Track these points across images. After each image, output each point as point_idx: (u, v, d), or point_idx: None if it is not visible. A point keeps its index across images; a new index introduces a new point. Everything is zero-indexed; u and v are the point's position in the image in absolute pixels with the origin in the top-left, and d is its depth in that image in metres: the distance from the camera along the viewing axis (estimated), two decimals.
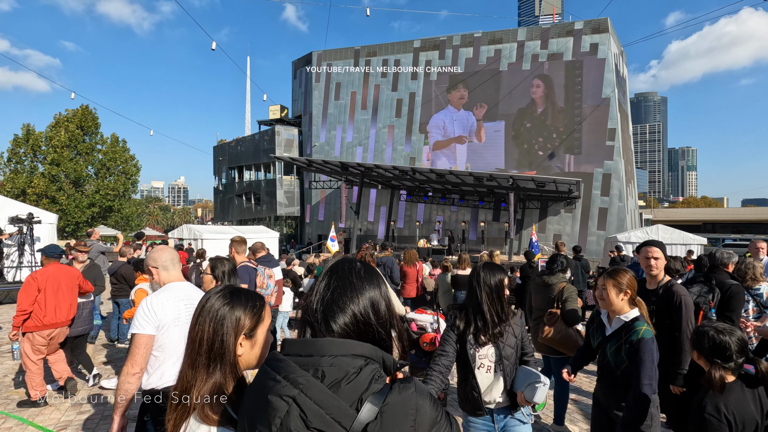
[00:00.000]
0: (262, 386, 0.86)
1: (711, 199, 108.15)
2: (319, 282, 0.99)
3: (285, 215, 34.59)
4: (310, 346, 0.88)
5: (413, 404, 0.84)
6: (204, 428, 0.99)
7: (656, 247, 3.11)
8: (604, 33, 24.94)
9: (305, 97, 33.81)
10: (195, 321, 1.09)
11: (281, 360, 0.88)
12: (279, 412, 0.81)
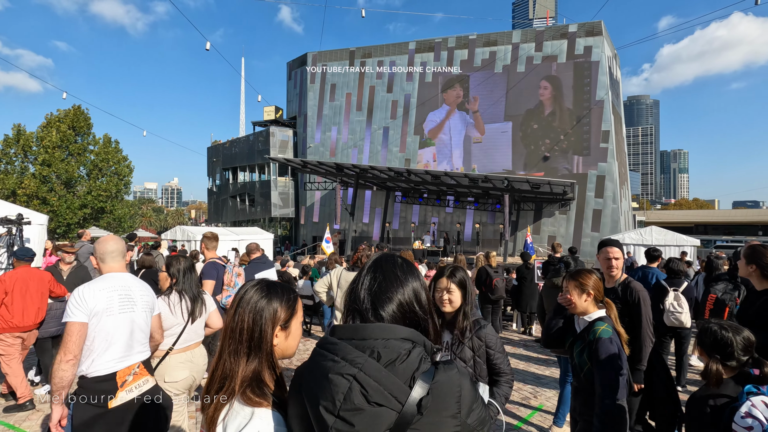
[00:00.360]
0: (322, 366, 0.95)
1: (703, 201, 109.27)
2: (364, 275, 1.09)
3: (279, 217, 34.43)
4: (362, 330, 0.98)
5: (457, 383, 0.94)
6: (248, 410, 1.07)
7: (616, 247, 3.09)
8: (598, 36, 25.11)
9: (300, 98, 33.72)
10: (234, 312, 1.16)
11: (336, 343, 0.97)
12: (341, 388, 0.90)
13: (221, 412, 1.10)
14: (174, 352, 2.79)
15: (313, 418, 0.93)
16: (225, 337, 1.16)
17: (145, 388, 2.26)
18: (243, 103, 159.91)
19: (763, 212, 61.66)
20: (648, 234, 16.11)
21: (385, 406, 0.89)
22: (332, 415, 0.90)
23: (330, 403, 0.90)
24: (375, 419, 0.88)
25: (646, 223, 38.43)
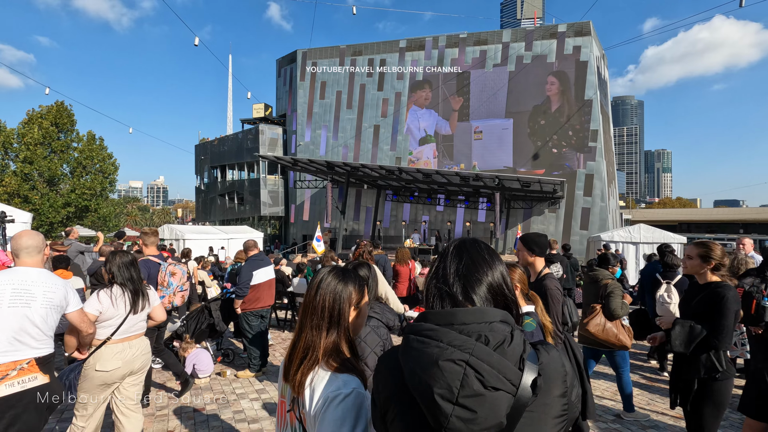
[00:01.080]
0: (427, 353, 0.90)
1: (685, 200, 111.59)
2: (449, 260, 1.06)
3: (269, 215, 34.12)
4: (461, 315, 0.94)
5: (561, 362, 0.96)
6: (331, 374, 1.24)
7: (519, 241, 3.14)
8: (587, 36, 25.38)
9: (290, 95, 33.42)
10: (315, 293, 1.35)
11: (435, 329, 0.93)
12: (456, 374, 0.86)
13: (308, 377, 1.25)
14: (110, 342, 2.89)
15: (426, 407, 0.90)
16: (306, 314, 1.34)
17: (30, 385, 2.27)
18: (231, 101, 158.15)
19: (743, 211, 63.29)
20: (636, 232, 16.34)
21: (501, 390, 0.87)
22: (450, 402, 0.86)
23: (446, 390, 0.86)
24: (495, 404, 0.86)
25: (632, 222, 39.03)
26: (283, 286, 8.68)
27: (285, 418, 1.37)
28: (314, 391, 1.22)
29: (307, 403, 1.23)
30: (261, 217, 34.54)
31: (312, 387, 1.23)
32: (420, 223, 27.49)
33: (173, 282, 4.53)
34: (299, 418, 1.28)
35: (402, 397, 0.97)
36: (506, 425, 0.87)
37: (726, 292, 2.66)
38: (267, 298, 5.45)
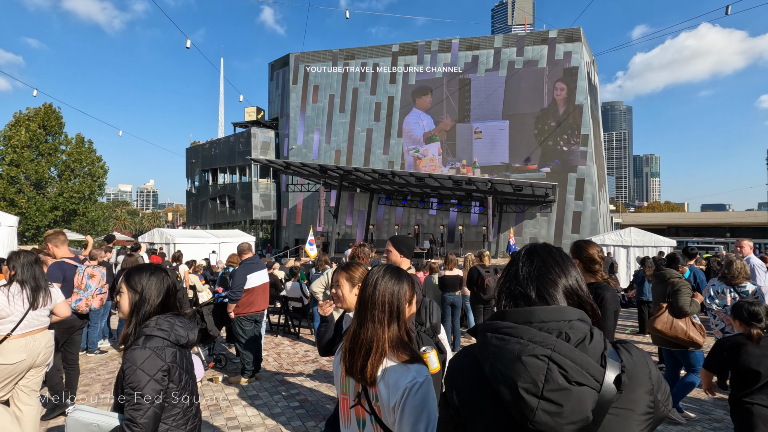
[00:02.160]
0: (508, 350, 0.91)
1: (674, 204, 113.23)
2: (521, 262, 1.08)
3: (261, 219, 33.88)
4: (540, 313, 0.96)
5: (645, 360, 0.96)
6: (399, 364, 1.34)
7: (389, 242, 3.10)
8: (577, 42, 25.71)
9: (282, 99, 33.33)
10: (373, 290, 1.43)
11: (513, 327, 0.95)
12: (540, 369, 0.87)
13: (378, 370, 1.34)
14: (12, 337, 3.02)
15: (511, 401, 0.90)
16: (366, 310, 1.41)
17: None
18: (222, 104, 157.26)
19: (729, 215, 64.40)
20: (627, 235, 16.49)
21: (586, 386, 0.87)
22: (535, 396, 0.87)
23: (531, 384, 0.87)
24: (580, 398, 0.87)
25: (623, 225, 39.42)
26: (276, 290, 8.58)
27: (349, 414, 1.45)
28: (388, 382, 1.31)
29: (383, 394, 1.31)
30: (253, 221, 34.28)
31: (385, 379, 1.31)
32: (412, 227, 27.50)
33: (92, 284, 4.45)
34: (370, 411, 1.36)
35: (482, 395, 0.97)
36: (592, 421, 0.87)
37: (604, 293, 2.57)
38: (261, 302, 5.37)
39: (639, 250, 15.66)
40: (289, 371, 5.73)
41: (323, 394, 4.84)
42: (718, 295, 5.06)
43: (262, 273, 5.36)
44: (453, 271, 7.04)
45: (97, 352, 6.50)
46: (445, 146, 27.91)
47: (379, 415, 1.33)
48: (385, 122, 29.46)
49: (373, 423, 1.36)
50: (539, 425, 0.87)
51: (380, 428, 1.34)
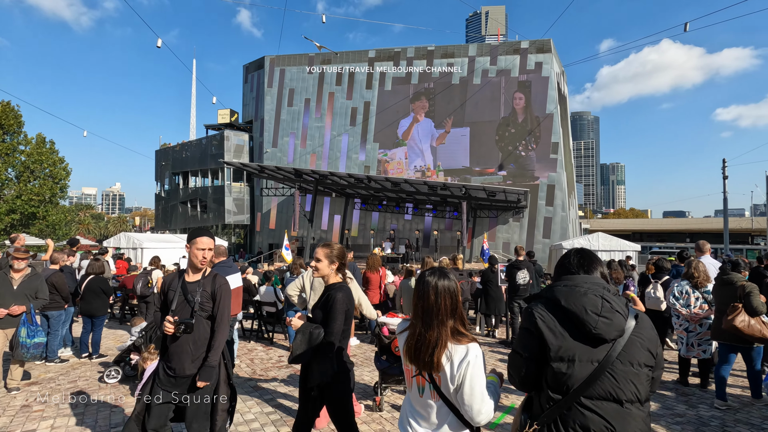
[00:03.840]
0: (575, 290, 1.61)
1: (638, 210, 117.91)
2: (573, 255, 1.77)
3: (234, 223, 33.17)
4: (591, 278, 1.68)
5: (648, 319, 1.66)
6: (460, 346, 1.69)
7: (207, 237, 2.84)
8: (548, 53, 26.55)
9: (257, 102, 32.88)
10: (435, 296, 1.72)
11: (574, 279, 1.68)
12: (598, 301, 1.56)
13: (443, 356, 1.67)
14: None
15: (582, 318, 1.55)
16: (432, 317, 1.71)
17: None
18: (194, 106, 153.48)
19: (689, 221, 67.63)
20: (595, 240, 17.04)
21: (621, 314, 1.56)
22: (597, 315, 1.54)
23: (594, 308, 1.55)
24: (619, 320, 1.55)
25: (591, 231, 40.74)
26: (249, 295, 8.40)
27: (411, 382, 1.83)
28: (453, 361, 1.67)
29: (447, 370, 1.67)
30: (225, 226, 33.52)
31: (450, 360, 1.68)
32: (388, 231, 27.55)
33: None
34: (430, 380, 1.72)
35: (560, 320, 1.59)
36: (621, 337, 1.54)
37: (336, 294, 2.59)
38: (234, 306, 5.24)
39: (606, 255, 16.20)
40: (263, 377, 5.61)
41: (297, 399, 4.76)
42: (682, 296, 5.30)
43: (236, 277, 5.23)
44: None
45: (57, 361, 6.17)
46: (410, 151, 28.39)
47: (439, 384, 1.70)
48: (361, 127, 29.50)
49: (431, 389, 1.73)
50: (599, 331, 1.52)
51: (437, 394, 1.72)
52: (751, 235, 50.23)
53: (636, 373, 1.53)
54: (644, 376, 1.54)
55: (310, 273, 4.07)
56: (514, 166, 26.28)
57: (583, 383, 1.51)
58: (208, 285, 2.75)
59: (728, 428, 4.06)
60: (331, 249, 2.70)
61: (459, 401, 1.66)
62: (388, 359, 4.33)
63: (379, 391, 4.46)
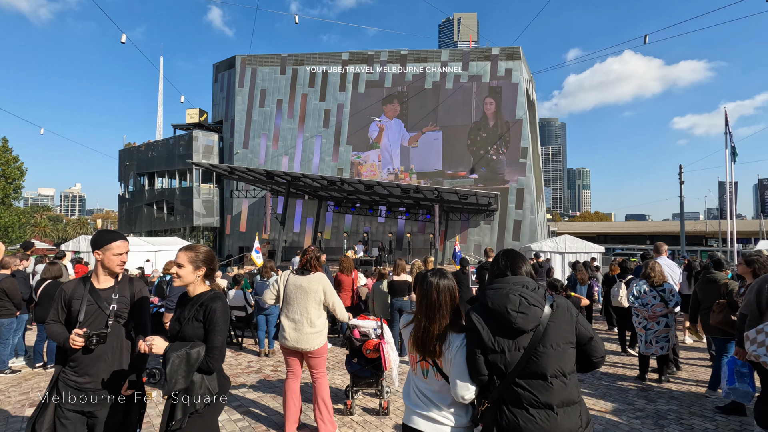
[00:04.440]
0: (500, 293, 1.92)
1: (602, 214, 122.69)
2: (501, 258, 2.08)
3: (202, 226, 32.28)
4: (513, 278, 1.98)
5: (567, 306, 1.95)
6: (456, 335, 2.00)
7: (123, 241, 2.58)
8: (517, 60, 27.28)
9: (227, 102, 32.18)
10: (436, 295, 2.03)
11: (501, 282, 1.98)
12: (516, 299, 1.87)
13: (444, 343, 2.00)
14: None
15: (502, 316, 1.87)
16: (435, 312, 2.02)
17: None
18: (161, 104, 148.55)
19: (649, 224, 70.96)
20: (563, 242, 17.60)
21: (537, 307, 1.87)
22: (515, 312, 1.85)
23: (513, 306, 1.86)
24: (536, 312, 1.86)
25: (558, 233, 42.01)
26: None
27: (415, 367, 2.11)
28: (451, 347, 1.98)
29: (446, 354, 1.98)
30: (193, 228, 32.57)
31: (449, 346, 1.98)
32: (361, 234, 27.54)
33: None
34: (433, 364, 2.02)
35: (490, 317, 1.91)
36: (540, 325, 1.85)
37: (214, 304, 2.25)
38: None
39: (572, 256, 16.75)
40: (231, 383, 5.46)
41: (266, 406, 4.66)
42: (641, 295, 5.53)
43: None
44: (402, 277, 7.11)
45: (8, 372, 5.81)
46: (384, 153, 28.51)
47: (440, 366, 2.00)
48: (335, 130, 29.37)
49: (435, 371, 2.02)
50: (518, 325, 1.84)
51: (439, 374, 2.00)
52: (705, 237, 53.15)
53: (557, 352, 1.83)
54: (567, 353, 1.86)
55: (284, 275, 4.00)
56: (485, 170, 26.85)
57: (514, 367, 1.83)
58: (125, 290, 2.54)
59: (683, 420, 4.27)
60: (196, 252, 2.33)
61: (451, 376, 1.95)
62: (360, 362, 4.31)
63: (351, 394, 4.44)
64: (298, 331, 3.79)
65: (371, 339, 4.27)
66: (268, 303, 4.08)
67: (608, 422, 4.24)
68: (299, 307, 3.83)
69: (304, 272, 3.94)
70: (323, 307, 3.91)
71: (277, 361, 6.54)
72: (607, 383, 5.52)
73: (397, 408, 4.58)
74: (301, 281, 3.88)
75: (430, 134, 28.04)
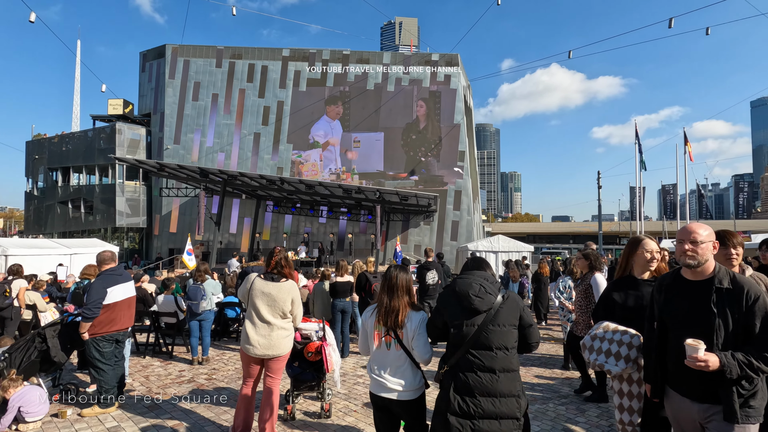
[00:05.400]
0: (466, 281, 2.43)
1: (532, 215, 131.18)
2: (469, 260, 2.69)
3: (126, 227, 29.82)
4: (479, 272, 2.51)
5: (516, 297, 2.45)
6: (415, 312, 2.62)
7: None
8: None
9: (156, 93, 30.03)
10: (396, 280, 2.63)
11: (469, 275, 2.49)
12: (477, 287, 2.37)
13: (404, 318, 2.57)
14: None
15: (465, 298, 2.35)
16: (394, 292, 2.61)
17: None
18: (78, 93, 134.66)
19: (572, 225, 77.14)
20: (496, 242, 18.56)
21: (493, 295, 2.35)
22: (476, 296, 2.33)
23: (474, 291, 2.35)
24: (490, 298, 2.33)
25: (492, 233, 44.21)
26: (144, 305, 7.61)
27: (380, 342, 2.63)
28: (411, 322, 2.57)
29: (408, 327, 2.56)
30: (116, 229, 30.02)
31: (410, 321, 2.58)
32: (302, 235, 27.02)
33: None
34: (395, 336, 2.57)
35: (453, 299, 2.41)
36: (492, 309, 2.31)
37: None
38: (125, 319, 4.69)
39: (505, 255, 17.71)
40: (160, 394, 5.10)
41: (200, 416, 4.41)
42: (565, 290, 5.97)
43: (127, 286, 4.70)
44: (344, 278, 7.08)
45: None
46: (326, 153, 28.30)
47: (401, 338, 2.56)
48: (275, 127, 28.55)
49: (396, 343, 2.57)
50: (475, 306, 2.31)
51: (399, 345, 2.56)
52: (619, 237, 58.70)
53: (503, 331, 2.30)
54: (510, 332, 2.31)
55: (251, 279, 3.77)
56: (425, 172, 27.55)
57: (469, 339, 2.29)
58: None
59: (602, 405, 4.68)
60: None
61: (414, 348, 2.54)
62: (301, 365, 4.22)
63: (291, 399, 4.33)
64: (268, 338, 3.62)
65: (313, 341, 4.20)
66: (202, 308, 3.86)
67: (537, 410, 4.53)
68: (267, 314, 3.64)
69: (273, 278, 3.72)
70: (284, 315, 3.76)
71: (212, 369, 6.22)
72: (536, 373, 5.90)
73: (339, 410, 4.55)
74: (270, 289, 3.67)
75: (372, 135, 28.20)
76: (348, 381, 5.63)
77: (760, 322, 1.94)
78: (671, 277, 2.27)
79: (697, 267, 2.09)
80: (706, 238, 2.08)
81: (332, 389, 4.77)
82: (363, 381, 5.62)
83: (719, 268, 2.11)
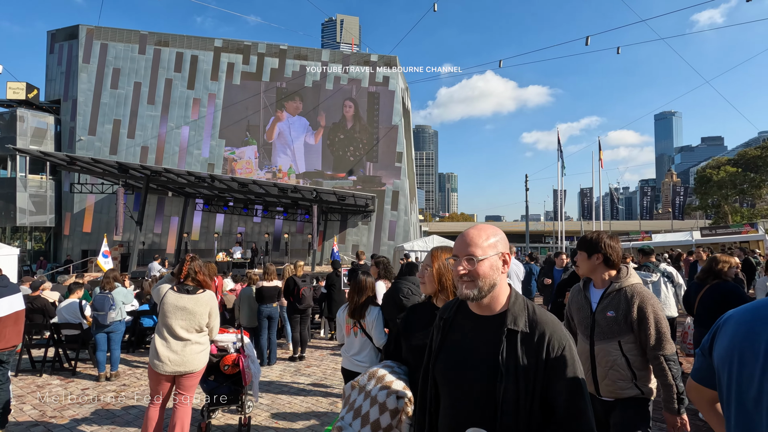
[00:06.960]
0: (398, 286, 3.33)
1: (467, 215, 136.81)
2: (404, 266, 4.15)
3: (30, 226, 26.63)
4: (410, 278, 3.44)
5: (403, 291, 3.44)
6: (373, 308, 3.42)
7: None
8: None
9: (67, 78, 27.13)
10: (364, 283, 3.44)
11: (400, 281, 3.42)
12: (405, 289, 3.26)
13: (366, 312, 3.37)
14: None
15: (398, 298, 3.20)
16: (363, 292, 3.42)
17: None
18: None
19: (503, 224, 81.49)
20: (431, 242, 19.05)
21: (416, 296, 3.16)
22: (403, 297, 3.18)
23: (402, 293, 3.22)
24: (415, 299, 3.12)
25: (429, 233, 45.47)
26: (45, 317, 6.81)
27: (349, 332, 3.39)
28: (371, 315, 3.35)
29: (368, 320, 3.33)
30: (17, 228, 26.69)
31: (370, 314, 3.36)
32: (235, 235, 25.88)
33: None
34: (360, 327, 3.34)
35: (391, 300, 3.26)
36: None
37: None
38: (10, 336, 4.14)
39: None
40: (56, 418, 4.58)
41: None
42: None
43: (13, 298, 4.15)
44: (272, 282, 6.84)
45: None
46: (261, 150, 27.38)
47: (364, 328, 3.32)
48: (205, 121, 27.03)
49: (361, 332, 3.32)
50: (404, 304, 3.09)
51: (363, 333, 3.31)
52: (544, 236, 63.10)
53: None
54: None
55: (163, 290, 3.44)
56: (363, 172, 27.61)
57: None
58: None
59: None
60: None
61: (373, 335, 3.28)
62: (217, 379, 4.00)
63: (207, 414, 4.09)
64: (180, 354, 3.34)
65: (230, 353, 3.99)
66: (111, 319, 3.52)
67: None
68: (181, 330, 3.36)
69: (189, 290, 3.43)
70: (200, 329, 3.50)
71: (122, 385, 5.71)
72: None
73: (260, 422, 4.37)
74: (185, 302, 3.38)
75: (310, 134, 27.72)
76: (272, 390, 5.44)
77: (565, 388, 1.21)
78: (454, 306, 1.45)
79: (480, 299, 1.30)
80: (489, 248, 1.30)
81: (253, 402, 4.57)
82: (288, 389, 5.46)
83: (515, 298, 1.33)
